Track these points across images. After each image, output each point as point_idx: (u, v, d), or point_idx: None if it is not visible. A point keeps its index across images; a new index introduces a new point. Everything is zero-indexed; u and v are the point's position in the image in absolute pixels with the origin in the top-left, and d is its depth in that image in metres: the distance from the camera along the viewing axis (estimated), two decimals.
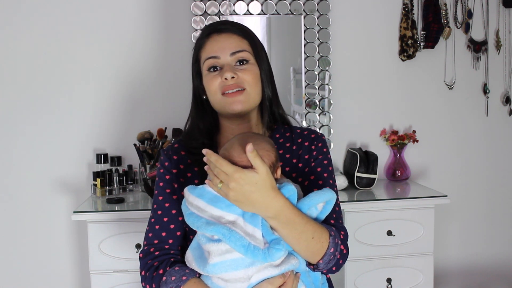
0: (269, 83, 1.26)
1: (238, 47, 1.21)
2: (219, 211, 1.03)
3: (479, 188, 2.55)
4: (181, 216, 1.16)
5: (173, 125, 2.24)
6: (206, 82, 1.22)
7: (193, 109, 1.31)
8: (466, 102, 2.49)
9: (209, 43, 1.22)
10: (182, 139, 1.30)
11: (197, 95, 1.30)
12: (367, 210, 2.02)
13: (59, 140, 2.26)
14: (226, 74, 1.18)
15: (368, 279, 2.04)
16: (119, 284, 1.91)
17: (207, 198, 1.04)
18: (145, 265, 1.17)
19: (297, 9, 2.29)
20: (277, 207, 1.01)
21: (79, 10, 2.22)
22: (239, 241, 0.99)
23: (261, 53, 1.26)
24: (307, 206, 1.07)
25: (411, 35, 2.37)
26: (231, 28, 1.23)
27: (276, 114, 1.31)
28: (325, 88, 2.36)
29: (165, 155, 1.27)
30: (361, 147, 2.39)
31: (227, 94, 1.19)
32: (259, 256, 0.99)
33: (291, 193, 1.04)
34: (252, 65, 1.22)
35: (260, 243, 1.00)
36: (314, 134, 1.29)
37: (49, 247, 2.31)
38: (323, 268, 1.10)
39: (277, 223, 1.02)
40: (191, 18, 2.24)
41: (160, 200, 1.22)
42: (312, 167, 1.24)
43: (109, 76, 2.26)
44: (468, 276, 2.58)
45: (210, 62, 1.21)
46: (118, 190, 2.17)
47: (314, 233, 1.06)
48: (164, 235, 1.19)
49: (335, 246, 1.10)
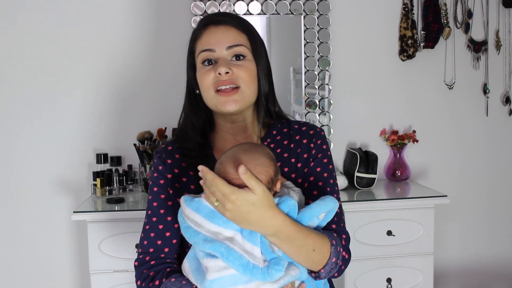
0: (266, 81, 1.20)
1: (235, 41, 1.14)
2: (216, 227, 0.99)
3: (479, 188, 2.55)
4: (177, 223, 1.11)
5: (173, 125, 2.24)
6: (200, 76, 1.16)
7: (187, 103, 1.25)
8: (466, 102, 2.49)
9: (205, 35, 1.16)
10: (175, 139, 1.25)
11: (190, 88, 1.24)
12: (367, 210, 2.02)
13: (59, 140, 2.26)
14: (220, 69, 1.11)
15: (368, 279, 2.04)
16: (119, 284, 1.91)
17: (204, 213, 1.00)
18: (141, 275, 1.14)
19: (297, 9, 2.29)
20: (276, 226, 0.97)
21: (79, 10, 2.22)
22: (237, 260, 0.96)
23: (260, 48, 1.19)
24: (309, 217, 1.04)
25: (411, 35, 2.37)
26: (230, 21, 1.16)
27: (272, 112, 1.25)
28: (325, 88, 2.36)
29: (158, 158, 1.21)
30: (361, 147, 2.39)
31: (220, 91, 1.12)
32: (258, 275, 0.96)
33: (291, 207, 1.00)
34: (248, 61, 1.15)
35: (259, 261, 0.98)
36: (312, 130, 1.23)
37: (49, 247, 2.30)
38: (325, 276, 1.08)
39: (276, 240, 0.99)
40: (191, 18, 2.24)
41: (155, 206, 1.17)
42: (311, 167, 1.19)
43: (109, 76, 2.26)
44: (468, 276, 2.58)
45: (204, 55, 1.15)
46: (118, 190, 2.17)
47: (315, 246, 1.02)
48: (160, 243, 1.15)
49: (337, 255, 1.07)
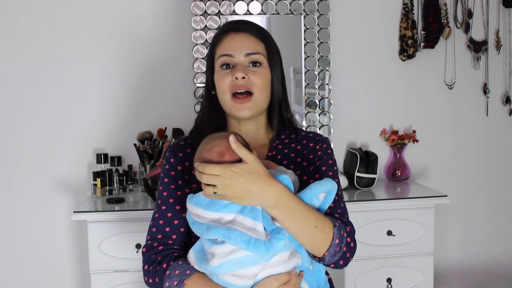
0: (280, 87, 1.28)
1: (253, 49, 1.22)
2: (217, 214, 1.03)
3: (479, 188, 2.55)
4: (185, 212, 1.16)
5: (173, 125, 2.24)
6: (217, 78, 1.23)
7: (205, 103, 1.31)
8: (466, 102, 2.49)
9: (225, 40, 1.24)
10: (189, 136, 1.31)
11: (208, 89, 1.30)
12: (367, 210, 2.02)
13: (59, 140, 2.26)
14: (237, 74, 1.19)
15: (368, 279, 2.04)
16: (119, 284, 1.91)
17: (203, 205, 1.05)
18: (148, 260, 1.17)
19: (297, 9, 2.29)
20: (276, 193, 1.01)
21: (79, 10, 2.22)
22: (239, 237, 0.99)
23: (276, 57, 1.27)
24: (309, 196, 1.07)
25: (411, 35, 2.37)
26: (250, 29, 1.24)
27: (284, 118, 1.33)
28: (325, 88, 2.36)
29: (171, 151, 1.28)
30: (361, 147, 2.39)
31: (236, 97, 1.20)
32: (261, 248, 0.98)
33: (286, 182, 1.05)
34: (264, 69, 1.23)
35: (261, 235, 1.00)
36: (319, 137, 1.31)
37: (49, 247, 2.30)
38: (329, 261, 1.10)
39: (278, 212, 1.02)
40: (191, 18, 2.24)
41: (165, 195, 1.22)
42: (317, 165, 1.25)
43: (109, 76, 2.26)
44: (468, 276, 2.58)
45: (223, 59, 1.22)
46: (118, 190, 2.17)
47: (317, 222, 1.06)
48: (168, 230, 1.19)
49: (340, 238, 1.09)
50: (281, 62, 1.30)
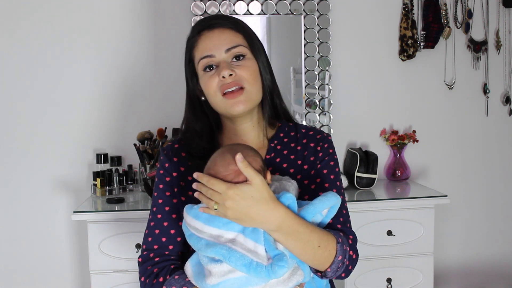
0: (269, 75, 1.20)
1: (232, 42, 1.14)
2: (216, 230, 0.99)
3: (479, 188, 2.55)
4: (181, 221, 1.10)
5: (173, 125, 2.24)
6: (204, 83, 1.16)
7: (188, 112, 1.24)
8: (466, 102, 2.49)
9: (201, 42, 1.16)
10: (183, 137, 1.25)
11: (192, 96, 1.23)
12: (367, 210, 2.02)
13: (59, 140, 2.26)
14: (223, 72, 1.11)
15: (368, 279, 2.04)
16: (119, 284, 1.91)
17: (203, 219, 1.00)
18: (145, 271, 1.14)
19: (297, 9, 2.29)
20: (279, 219, 0.96)
21: (78, 10, 2.22)
22: (239, 260, 0.95)
23: (257, 44, 1.19)
24: (312, 214, 1.03)
25: (411, 35, 2.37)
26: (223, 23, 1.16)
27: (278, 107, 1.26)
28: (325, 88, 2.36)
29: (165, 155, 1.22)
30: (361, 147, 2.39)
31: (227, 94, 1.13)
32: (262, 273, 0.94)
33: (290, 201, 0.99)
34: (249, 60, 1.15)
35: (263, 259, 0.95)
36: (319, 135, 1.24)
37: (49, 247, 2.30)
38: (332, 276, 1.06)
39: (280, 235, 0.98)
40: (191, 18, 2.24)
41: (160, 203, 1.18)
42: (318, 169, 1.19)
43: (109, 76, 2.26)
44: (468, 276, 2.58)
45: (205, 62, 1.15)
46: (118, 190, 2.17)
47: (320, 242, 1.01)
48: (164, 241, 1.15)
49: (343, 254, 1.05)
50: (263, 48, 1.21)
